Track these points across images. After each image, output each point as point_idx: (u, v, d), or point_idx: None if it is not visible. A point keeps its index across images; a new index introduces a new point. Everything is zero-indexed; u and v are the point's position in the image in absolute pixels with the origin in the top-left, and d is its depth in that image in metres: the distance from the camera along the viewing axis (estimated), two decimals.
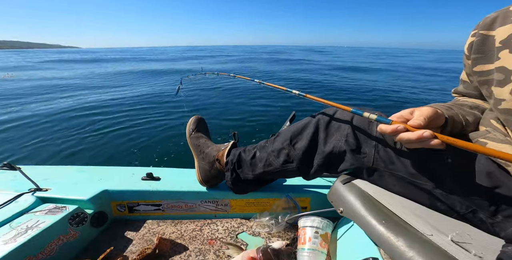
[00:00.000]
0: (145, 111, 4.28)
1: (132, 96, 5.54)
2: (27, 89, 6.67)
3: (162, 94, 5.68)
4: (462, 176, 0.51)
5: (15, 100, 5.23)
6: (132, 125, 3.60)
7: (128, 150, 2.83)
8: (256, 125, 3.68)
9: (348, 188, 0.66)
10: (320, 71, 11.48)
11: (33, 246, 0.64)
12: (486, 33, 0.50)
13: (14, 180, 0.90)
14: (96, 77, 9.53)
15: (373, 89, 6.89)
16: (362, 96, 5.98)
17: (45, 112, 4.26)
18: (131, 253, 0.75)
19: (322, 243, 0.69)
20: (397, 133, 0.45)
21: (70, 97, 5.47)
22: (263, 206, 0.91)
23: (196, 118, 0.98)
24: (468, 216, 0.53)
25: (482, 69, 0.52)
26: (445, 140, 0.41)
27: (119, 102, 4.92)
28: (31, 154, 2.71)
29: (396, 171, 0.58)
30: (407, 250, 0.48)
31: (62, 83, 7.99)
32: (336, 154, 0.65)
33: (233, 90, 6.02)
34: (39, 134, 3.23)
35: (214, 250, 0.77)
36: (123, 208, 0.88)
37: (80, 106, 4.62)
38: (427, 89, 7.28)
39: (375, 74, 10.65)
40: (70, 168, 1.03)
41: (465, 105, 0.60)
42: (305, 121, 0.72)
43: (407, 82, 8.45)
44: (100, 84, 7.61)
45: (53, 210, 0.75)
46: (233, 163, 0.79)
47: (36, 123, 3.66)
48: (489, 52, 0.50)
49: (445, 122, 0.51)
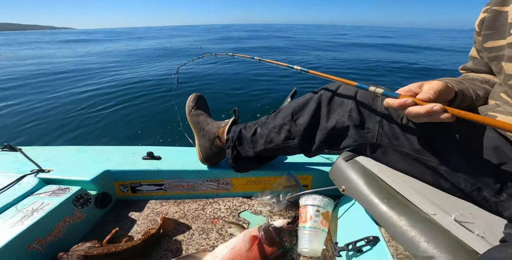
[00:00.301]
0: (143, 90, 4.21)
1: (131, 76, 5.43)
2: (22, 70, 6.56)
3: (160, 74, 5.56)
4: (468, 152, 0.50)
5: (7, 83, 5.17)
6: (129, 105, 3.56)
7: (127, 129, 2.83)
8: (257, 101, 3.63)
9: (351, 166, 0.65)
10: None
11: (41, 228, 0.65)
12: (499, 9, 0.50)
13: (16, 162, 0.89)
14: (92, 56, 9.30)
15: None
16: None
17: (41, 93, 4.20)
18: (136, 233, 0.77)
19: (323, 221, 0.70)
20: (405, 107, 0.44)
21: (67, 78, 5.38)
22: (265, 184, 0.91)
23: (195, 95, 0.96)
24: (472, 195, 0.52)
25: (493, 45, 0.51)
26: (455, 113, 0.40)
27: (117, 83, 4.84)
28: (30, 136, 2.71)
29: (401, 147, 0.57)
30: (409, 230, 0.47)
31: (59, 62, 7.83)
32: (339, 129, 0.64)
33: (233, 69, 5.87)
34: (38, 117, 3.22)
35: (216, 229, 0.78)
36: (126, 188, 0.89)
37: (77, 87, 4.56)
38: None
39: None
40: (71, 149, 1.02)
41: (476, 80, 0.59)
42: (307, 97, 0.71)
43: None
44: (97, 63, 7.44)
45: (57, 191, 0.75)
46: (234, 140, 0.78)
47: (32, 107, 3.61)
48: (501, 28, 0.49)
49: (455, 96, 0.50)
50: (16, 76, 5.67)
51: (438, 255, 0.42)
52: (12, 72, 6.29)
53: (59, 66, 7.13)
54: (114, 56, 9.22)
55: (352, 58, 8.27)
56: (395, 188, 0.56)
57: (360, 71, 6.21)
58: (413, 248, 0.45)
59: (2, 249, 0.56)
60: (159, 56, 9.05)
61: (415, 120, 0.46)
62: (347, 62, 7.37)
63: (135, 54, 9.94)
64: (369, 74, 5.90)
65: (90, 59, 8.35)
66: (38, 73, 5.97)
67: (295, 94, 0.86)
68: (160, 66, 6.89)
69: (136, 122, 3.00)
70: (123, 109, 3.40)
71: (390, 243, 0.52)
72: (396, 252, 0.50)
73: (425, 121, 0.44)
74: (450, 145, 0.52)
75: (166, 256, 0.70)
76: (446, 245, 0.42)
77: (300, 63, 7.32)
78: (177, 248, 0.72)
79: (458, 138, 0.51)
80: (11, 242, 0.58)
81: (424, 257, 0.43)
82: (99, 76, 5.60)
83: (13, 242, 0.59)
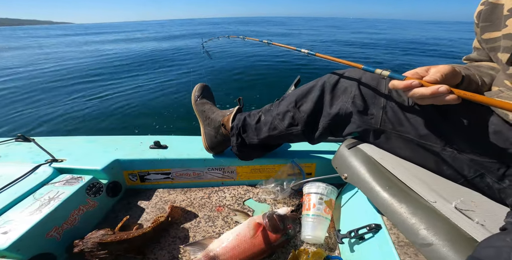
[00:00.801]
0: (149, 79, 4.24)
1: (135, 65, 5.45)
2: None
3: (165, 60, 5.55)
4: (472, 138, 0.50)
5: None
6: (134, 93, 3.62)
7: (133, 118, 2.87)
8: (261, 89, 3.61)
9: (353, 153, 0.65)
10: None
11: (57, 216, 0.67)
12: (495, 1, 0.51)
13: (31, 152, 0.92)
14: (94, 44, 9.25)
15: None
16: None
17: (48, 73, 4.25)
18: (146, 221, 0.80)
19: (326, 209, 0.71)
20: (411, 88, 0.44)
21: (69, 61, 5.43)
22: (269, 172, 0.92)
23: (201, 85, 0.97)
24: (475, 181, 0.52)
25: (489, 37, 0.53)
26: (461, 95, 0.40)
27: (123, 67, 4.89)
28: (39, 126, 2.79)
29: (405, 133, 0.57)
30: (409, 217, 0.48)
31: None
32: (342, 116, 0.64)
33: (240, 55, 5.80)
34: (41, 106, 3.29)
35: (222, 217, 0.81)
36: (134, 177, 0.92)
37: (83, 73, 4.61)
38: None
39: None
40: (81, 139, 1.05)
41: (482, 67, 0.59)
42: (310, 84, 0.71)
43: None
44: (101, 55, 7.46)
45: (70, 180, 0.78)
46: (238, 127, 0.79)
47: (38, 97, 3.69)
48: (497, 20, 0.51)
49: (461, 81, 0.50)
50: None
51: (436, 242, 0.42)
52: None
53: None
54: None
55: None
56: (397, 175, 0.56)
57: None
58: (412, 236, 0.46)
59: (23, 236, 0.59)
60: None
61: (419, 102, 0.46)
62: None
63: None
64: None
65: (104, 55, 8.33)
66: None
67: (298, 82, 0.85)
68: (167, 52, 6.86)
69: (140, 111, 3.04)
70: (126, 99, 3.45)
71: (391, 231, 0.53)
72: (397, 240, 0.51)
73: (430, 103, 0.44)
74: (454, 130, 0.52)
75: (174, 242, 0.72)
76: (445, 232, 0.42)
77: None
78: (185, 235, 0.75)
79: (463, 123, 0.51)
80: (32, 230, 0.61)
81: (423, 244, 0.44)
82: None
83: (33, 229, 0.61)
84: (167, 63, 5.49)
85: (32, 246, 0.61)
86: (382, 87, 0.60)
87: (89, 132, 2.60)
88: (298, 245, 0.71)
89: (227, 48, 6.82)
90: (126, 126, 2.73)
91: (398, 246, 0.49)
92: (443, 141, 0.53)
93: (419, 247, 0.45)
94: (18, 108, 3.26)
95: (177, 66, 5.08)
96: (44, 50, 9.09)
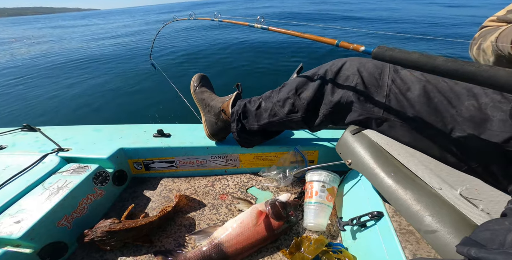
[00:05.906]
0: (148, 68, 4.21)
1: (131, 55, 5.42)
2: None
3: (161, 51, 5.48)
4: (477, 125, 0.49)
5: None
6: (133, 83, 3.61)
7: (136, 107, 2.88)
8: (262, 77, 3.56)
9: (357, 139, 0.64)
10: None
11: (67, 205, 0.69)
12: None
13: (37, 141, 0.94)
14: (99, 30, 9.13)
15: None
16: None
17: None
18: (152, 209, 0.81)
19: (328, 197, 0.70)
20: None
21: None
22: (271, 160, 0.92)
23: (199, 75, 0.96)
24: (478, 169, 0.51)
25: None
26: None
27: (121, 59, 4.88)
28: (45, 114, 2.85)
29: (408, 121, 0.56)
30: (414, 204, 0.47)
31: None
32: (343, 104, 0.63)
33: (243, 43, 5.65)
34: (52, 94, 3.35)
35: (226, 204, 0.81)
36: (139, 166, 0.93)
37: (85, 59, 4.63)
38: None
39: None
40: (86, 128, 1.06)
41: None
42: (312, 72, 0.70)
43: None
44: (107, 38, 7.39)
45: (77, 169, 0.79)
46: (239, 113, 0.78)
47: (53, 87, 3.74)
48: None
49: None
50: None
51: (441, 229, 0.41)
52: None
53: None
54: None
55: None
56: (402, 161, 0.55)
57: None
58: (417, 222, 0.45)
59: (36, 225, 0.60)
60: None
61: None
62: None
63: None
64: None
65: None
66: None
67: (301, 70, 0.83)
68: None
69: (142, 100, 3.04)
70: (128, 88, 3.46)
71: (393, 218, 0.52)
72: (399, 227, 0.50)
73: None
74: (459, 118, 0.50)
75: (180, 230, 0.74)
76: (450, 219, 0.41)
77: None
78: (190, 223, 0.76)
79: (468, 110, 0.49)
80: (44, 219, 0.62)
81: (428, 231, 0.43)
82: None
83: (45, 218, 0.62)
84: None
85: (44, 235, 0.62)
86: (385, 75, 0.58)
87: (94, 121, 2.62)
88: (300, 233, 0.71)
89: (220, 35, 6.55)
90: (130, 115, 2.74)
91: (400, 233, 0.49)
92: (449, 128, 0.51)
93: (424, 234, 0.44)
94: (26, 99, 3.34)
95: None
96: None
